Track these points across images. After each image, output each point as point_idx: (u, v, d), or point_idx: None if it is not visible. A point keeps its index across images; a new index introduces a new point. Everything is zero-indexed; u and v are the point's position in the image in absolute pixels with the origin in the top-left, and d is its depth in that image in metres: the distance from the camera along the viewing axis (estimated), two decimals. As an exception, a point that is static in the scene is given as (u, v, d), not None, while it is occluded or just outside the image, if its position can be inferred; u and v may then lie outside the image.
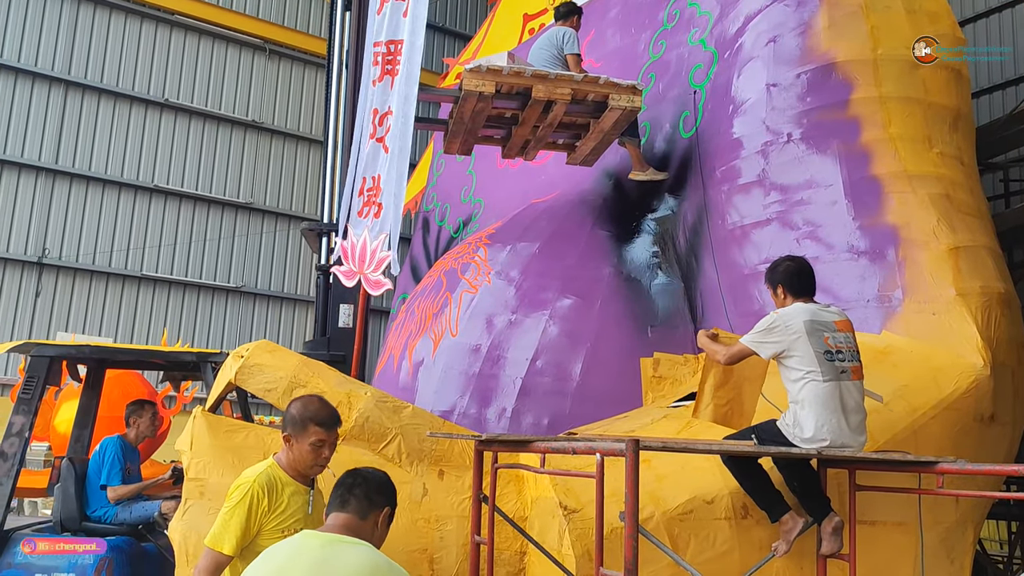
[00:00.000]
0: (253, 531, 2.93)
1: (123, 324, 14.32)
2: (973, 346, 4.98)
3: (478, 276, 7.41)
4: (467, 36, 17.13)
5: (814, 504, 4.07)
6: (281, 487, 3.02)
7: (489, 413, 6.65)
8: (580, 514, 4.10)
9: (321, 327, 6.65)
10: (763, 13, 6.67)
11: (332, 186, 7.14)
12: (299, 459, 3.10)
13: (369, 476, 2.67)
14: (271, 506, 2.97)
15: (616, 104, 6.66)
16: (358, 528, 2.52)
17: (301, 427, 3.09)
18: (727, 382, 4.81)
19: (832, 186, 5.88)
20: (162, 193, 14.91)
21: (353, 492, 2.58)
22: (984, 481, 4.83)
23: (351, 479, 2.64)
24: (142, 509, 5.60)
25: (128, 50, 14.83)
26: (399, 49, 5.73)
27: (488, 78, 6.44)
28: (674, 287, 7.08)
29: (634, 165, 7.31)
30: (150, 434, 6.08)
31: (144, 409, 6.03)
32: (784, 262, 4.31)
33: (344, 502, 2.57)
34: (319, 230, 6.99)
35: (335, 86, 7.44)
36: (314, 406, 3.17)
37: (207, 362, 5.81)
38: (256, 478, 2.99)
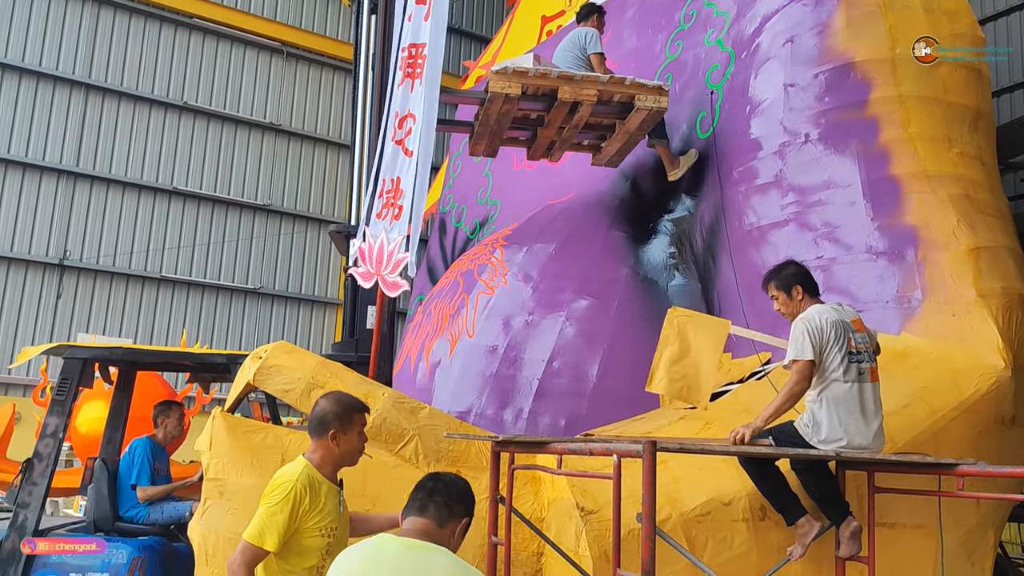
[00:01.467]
0: (293, 528, 2.95)
1: (143, 325, 14.45)
2: (994, 347, 4.94)
3: (495, 277, 7.42)
4: (486, 38, 17.19)
5: (832, 508, 4.05)
6: (319, 486, 3.04)
7: (506, 414, 6.66)
8: (597, 515, 4.10)
9: (349, 329, 6.68)
10: (780, 13, 6.64)
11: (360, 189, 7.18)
12: (350, 451, 3.14)
13: (451, 483, 2.66)
14: (312, 505, 2.99)
15: (642, 105, 6.64)
16: (436, 535, 2.51)
17: (347, 419, 3.13)
18: (683, 358, 4.83)
19: (850, 186, 5.84)
20: (181, 195, 15.05)
21: (433, 498, 2.58)
22: (1005, 483, 4.78)
23: (432, 483, 2.64)
24: (173, 509, 5.66)
25: (148, 53, 14.97)
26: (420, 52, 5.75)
27: (514, 80, 6.45)
28: (691, 288, 7.06)
29: (667, 166, 7.25)
30: (177, 434, 6.14)
31: (172, 410, 6.09)
32: (791, 265, 4.36)
33: (423, 507, 2.56)
34: (347, 232, 7.02)
35: (361, 90, 7.47)
36: (347, 397, 3.25)
37: (237, 364, 5.85)
38: (298, 477, 3.01)
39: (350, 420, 3.14)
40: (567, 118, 6.92)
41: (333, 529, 3.01)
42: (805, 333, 3.95)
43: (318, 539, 2.97)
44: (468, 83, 12.88)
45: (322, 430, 3.11)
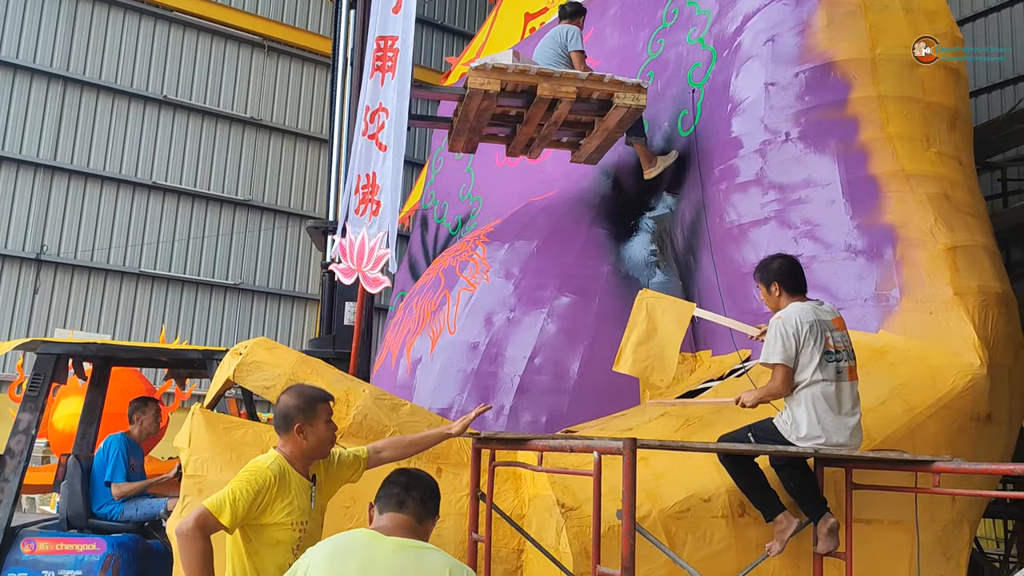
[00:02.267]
0: (254, 513, 2.93)
1: (121, 321, 14.33)
2: (970, 345, 4.99)
3: (476, 274, 7.41)
4: (469, 34, 17.16)
5: (810, 504, 4.08)
6: (289, 477, 3.04)
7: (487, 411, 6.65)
8: (577, 512, 4.11)
9: (327, 325, 6.65)
10: (762, 12, 6.67)
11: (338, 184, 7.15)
12: (318, 442, 3.13)
13: (424, 479, 2.68)
14: (280, 495, 2.97)
15: (621, 102, 6.66)
16: (416, 533, 2.51)
17: (311, 410, 3.12)
18: (649, 339, 4.90)
19: (830, 185, 5.89)
20: (160, 190, 14.92)
21: (411, 494, 2.57)
22: (980, 480, 4.84)
23: (406, 479, 2.64)
24: (148, 507, 5.61)
25: (127, 47, 14.83)
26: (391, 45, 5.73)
27: (493, 76, 6.44)
28: (672, 285, 7.08)
29: (643, 164, 7.29)
30: (153, 431, 6.09)
31: (148, 406, 6.05)
32: (777, 259, 4.30)
33: (402, 503, 2.55)
34: (324, 228, 6.99)
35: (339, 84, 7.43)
36: (308, 388, 3.25)
37: (213, 360, 5.82)
38: (270, 464, 3.01)
39: (313, 411, 3.12)
40: (546, 115, 6.92)
41: (303, 524, 3.00)
42: (779, 335, 3.97)
43: (288, 532, 2.96)
44: (451, 79, 12.85)
45: (287, 425, 3.10)
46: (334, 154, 7.17)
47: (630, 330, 5.01)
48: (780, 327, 3.98)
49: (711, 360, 6.19)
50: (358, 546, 2.38)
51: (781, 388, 4.01)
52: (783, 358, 3.95)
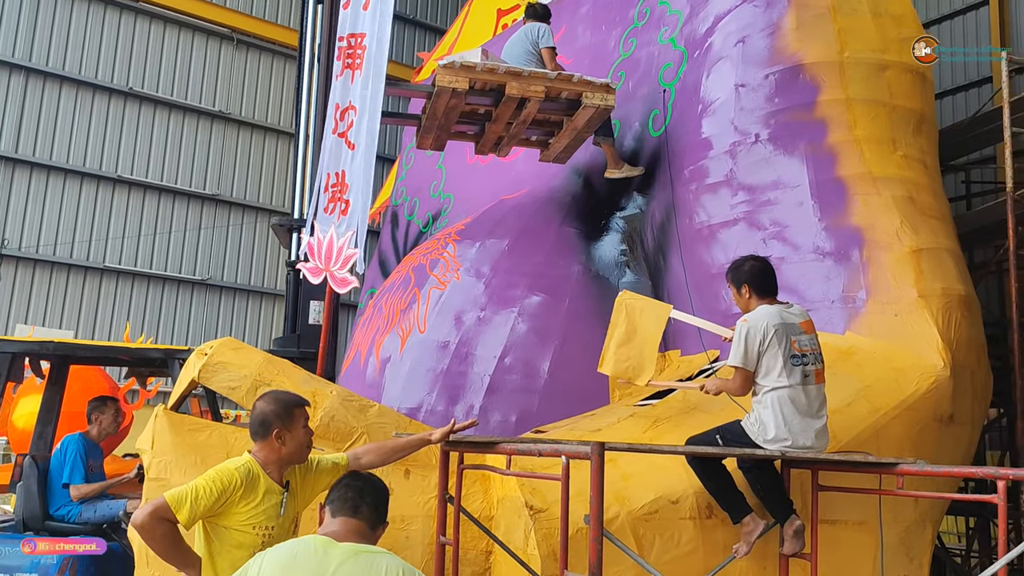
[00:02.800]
0: (214, 512, 2.89)
1: (85, 317, 14.08)
2: (934, 347, 5.06)
3: (447, 272, 7.38)
4: (441, 30, 17.06)
5: (777, 506, 4.11)
6: (258, 482, 3.00)
7: (457, 410, 6.63)
8: (546, 514, 4.10)
9: (291, 324, 6.60)
10: (732, 13, 6.70)
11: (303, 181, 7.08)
12: (297, 448, 3.10)
13: (376, 484, 2.67)
14: (245, 498, 2.94)
15: (589, 102, 6.66)
16: (369, 538, 2.50)
17: (288, 417, 3.09)
18: (629, 340, 4.96)
19: (799, 187, 5.93)
20: (126, 183, 14.67)
21: (365, 499, 2.57)
22: (943, 481, 4.91)
23: (360, 483, 2.63)
24: (107, 508, 5.52)
25: (91, 37, 14.56)
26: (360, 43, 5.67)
27: (461, 74, 6.41)
28: (642, 285, 7.10)
29: (609, 164, 7.32)
30: (113, 431, 6.00)
31: (107, 406, 5.94)
32: (748, 261, 4.30)
33: (356, 509, 2.54)
34: (289, 226, 6.92)
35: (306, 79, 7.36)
36: (284, 394, 3.22)
37: (174, 359, 5.73)
38: (239, 467, 2.99)
39: (291, 417, 3.10)
40: (515, 114, 6.90)
41: (269, 529, 2.97)
42: (743, 339, 4.00)
43: (251, 536, 2.92)
44: (423, 75, 12.78)
45: (265, 431, 3.06)
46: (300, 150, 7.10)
47: (611, 332, 5.05)
48: (744, 331, 4.01)
49: (680, 360, 6.21)
50: (310, 553, 2.37)
51: (738, 390, 4.09)
52: (742, 362, 4.00)
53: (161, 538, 2.85)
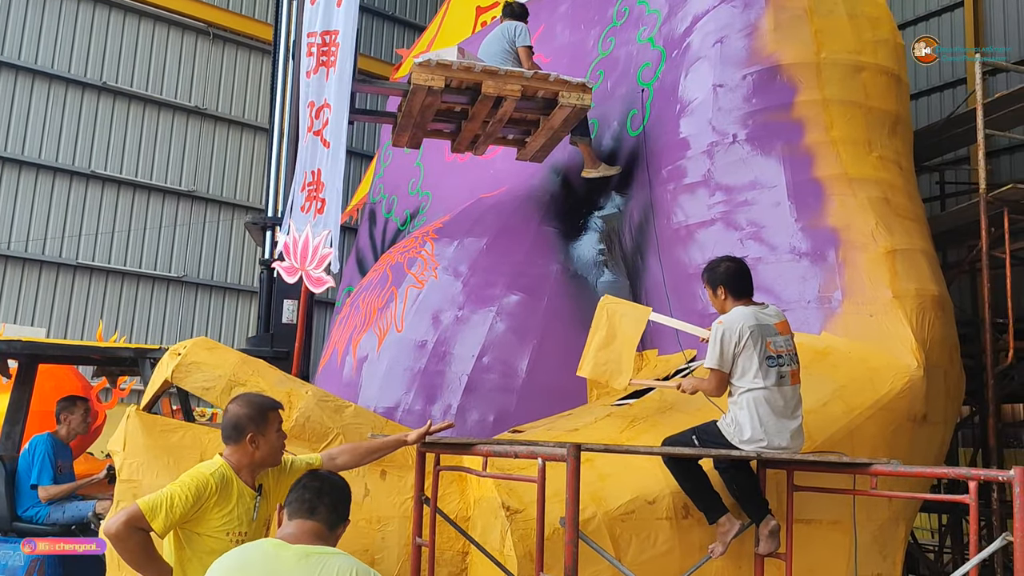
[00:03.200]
0: (189, 517, 2.85)
1: (57, 314, 13.89)
2: (907, 347, 5.10)
3: (425, 271, 7.35)
4: (420, 26, 16.98)
5: (752, 506, 4.13)
6: (232, 486, 2.97)
7: (434, 410, 6.60)
8: (522, 515, 4.09)
9: (265, 323, 6.54)
10: (711, 14, 6.71)
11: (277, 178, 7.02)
12: (270, 451, 3.07)
13: (336, 483, 2.64)
14: (220, 503, 2.91)
15: (566, 102, 6.65)
16: (326, 539, 2.47)
17: (262, 420, 3.06)
18: (609, 344, 5.01)
19: (776, 187, 5.95)
20: (100, 179, 14.49)
21: (323, 500, 2.53)
22: (916, 480, 4.95)
23: (319, 483, 2.59)
24: (75, 509, 5.45)
25: (64, 31, 14.35)
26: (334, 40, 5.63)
27: (437, 72, 6.38)
28: (620, 285, 7.11)
29: (586, 163, 7.32)
30: (82, 431, 5.92)
31: (76, 405, 5.87)
32: (724, 262, 4.30)
33: (313, 509, 2.50)
34: (263, 224, 6.86)
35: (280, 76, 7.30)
36: (257, 397, 3.19)
37: (145, 358, 5.67)
38: (213, 472, 2.95)
39: (265, 420, 3.06)
40: (491, 112, 6.88)
41: (242, 535, 2.93)
42: (718, 341, 4.01)
43: (224, 542, 2.88)
44: (401, 71, 12.71)
45: (238, 435, 3.02)
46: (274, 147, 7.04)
47: (591, 336, 5.09)
48: (720, 332, 4.02)
49: (657, 359, 6.22)
50: (261, 556, 2.34)
51: (714, 391, 4.12)
52: (718, 364, 4.01)
53: (134, 547, 2.80)
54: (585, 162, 7.32)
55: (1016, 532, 3.09)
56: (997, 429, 7.37)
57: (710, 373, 4.07)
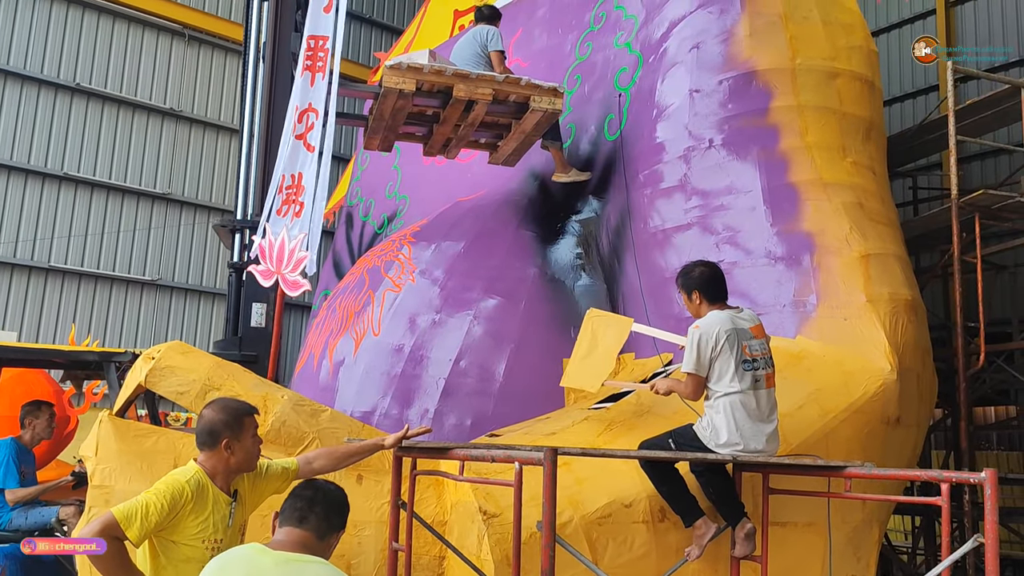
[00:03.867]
0: (164, 525, 2.82)
1: (29, 318, 13.70)
2: (881, 351, 5.15)
3: (402, 274, 7.33)
4: (398, 30, 16.95)
5: (728, 509, 4.15)
6: (207, 493, 2.94)
7: (411, 414, 6.58)
8: (499, 519, 4.09)
9: (233, 326, 6.49)
10: (687, 19, 6.76)
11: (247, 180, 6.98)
12: (246, 457, 3.05)
13: (330, 492, 2.62)
14: (196, 510, 2.88)
15: (537, 106, 6.67)
16: (315, 548, 2.46)
17: (238, 425, 3.03)
18: (590, 353, 5.11)
19: (751, 192, 6.00)
20: (72, 181, 14.32)
21: (314, 509, 2.52)
22: (890, 483, 5.00)
23: (311, 492, 2.58)
24: (39, 515, 5.38)
25: (37, 32, 14.18)
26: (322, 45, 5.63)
27: (408, 76, 6.37)
28: (597, 288, 7.13)
29: (557, 167, 7.36)
30: (46, 436, 5.86)
31: (41, 410, 5.80)
32: (698, 267, 4.30)
33: (303, 519, 2.50)
34: (231, 226, 6.82)
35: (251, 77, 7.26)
36: (233, 402, 3.16)
37: (110, 362, 5.61)
38: (189, 479, 2.92)
39: (241, 425, 3.03)
40: (463, 116, 6.88)
41: (218, 542, 2.90)
42: (694, 345, 4.02)
43: (200, 550, 2.85)
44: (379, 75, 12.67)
45: (212, 441, 2.99)
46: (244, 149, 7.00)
47: (576, 348, 5.16)
48: (696, 337, 4.03)
49: (634, 363, 6.24)
50: (241, 561, 2.35)
51: (691, 395, 4.12)
52: (695, 368, 4.03)
53: (109, 557, 2.75)
54: (556, 166, 7.35)
55: (987, 534, 3.13)
56: (969, 432, 7.46)
57: (687, 377, 4.08)
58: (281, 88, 7.26)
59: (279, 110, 7.15)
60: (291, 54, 7.32)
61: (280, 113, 7.04)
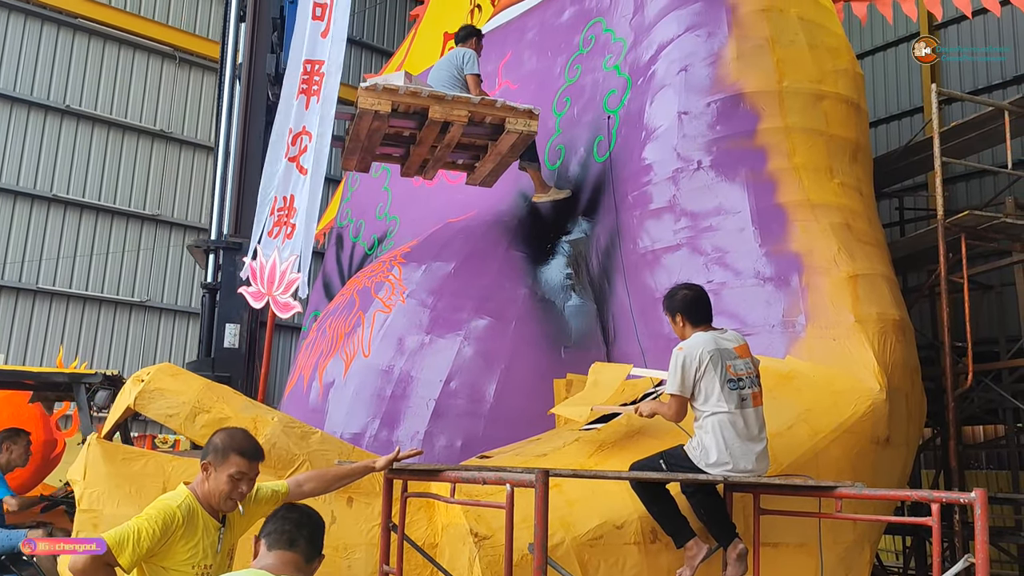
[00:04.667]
0: (155, 551, 2.80)
1: (16, 340, 13.61)
2: (870, 371, 5.17)
3: (392, 295, 7.32)
4: (388, 52, 17.05)
5: (720, 530, 4.15)
6: (197, 518, 2.92)
7: (402, 435, 6.55)
8: (491, 541, 4.07)
9: (206, 347, 6.47)
10: (675, 42, 6.83)
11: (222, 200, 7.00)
12: (214, 490, 2.98)
13: (314, 516, 2.66)
14: (186, 535, 2.86)
15: (512, 128, 6.72)
16: (304, 571, 2.49)
17: (223, 456, 2.98)
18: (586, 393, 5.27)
19: (740, 213, 6.04)
20: (61, 203, 14.28)
21: (302, 532, 2.54)
22: (881, 503, 5.01)
23: (296, 515, 2.60)
24: (6, 539, 5.37)
25: (27, 53, 14.19)
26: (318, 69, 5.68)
27: (384, 97, 6.39)
28: (587, 309, 7.15)
29: (536, 188, 7.43)
30: (21, 464, 5.87)
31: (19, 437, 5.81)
32: (681, 290, 4.35)
33: (293, 542, 2.51)
34: (205, 247, 6.82)
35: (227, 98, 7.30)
36: (240, 436, 3.08)
37: (80, 383, 5.59)
38: (179, 504, 2.89)
39: (224, 458, 2.97)
40: (439, 137, 6.92)
41: (207, 567, 2.88)
42: (679, 367, 4.05)
43: (189, 574, 2.83)
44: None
45: (202, 458, 2.99)
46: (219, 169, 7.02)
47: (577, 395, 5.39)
48: (680, 359, 4.07)
49: (625, 384, 6.24)
50: None
51: (674, 416, 4.14)
52: (678, 389, 4.06)
53: None
54: (535, 187, 7.42)
55: (978, 553, 3.14)
56: (958, 451, 7.48)
57: (671, 398, 4.11)
58: (256, 108, 7.30)
59: (254, 130, 7.19)
60: (267, 75, 7.36)
61: (256, 133, 7.08)
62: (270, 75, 7.41)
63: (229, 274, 6.79)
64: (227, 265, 6.85)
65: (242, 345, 6.15)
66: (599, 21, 8.00)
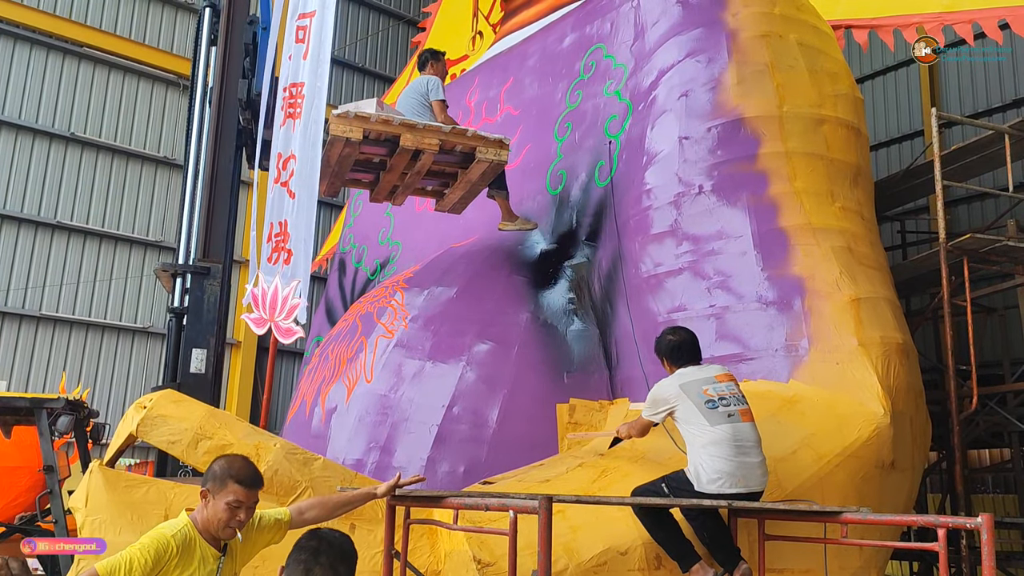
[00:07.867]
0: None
1: (19, 366, 13.62)
2: (874, 395, 5.16)
3: (394, 321, 7.32)
4: (391, 78, 17.19)
5: (724, 554, 4.13)
6: (194, 547, 2.89)
7: (404, 461, 6.52)
8: (494, 568, 4.04)
9: (172, 372, 6.43)
10: (676, 68, 6.87)
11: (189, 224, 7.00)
12: (212, 517, 2.95)
13: (335, 542, 2.60)
14: (181, 565, 2.83)
15: (483, 157, 6.77)
16: None
17: (221, 483, 2.96)
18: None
19: (742, 237, 6.05)
20: (65, 229, 14.35)
21: (319, 560, 2.50)
22: (887, 528, 4.97)
23: (316, 543, 2.56)
24: None
25: (33, 81, 14.33)
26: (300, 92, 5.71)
27: (355, 124, 6.42)
28: (590, 333, 7.14)
29: (503, 216, 7.50)
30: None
31: None
32: (667, 336, 4.62)
33: (308, 570, 2.48)
34: (172, 271, 6.82)
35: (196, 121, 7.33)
36: (238, 464, 3.04)
37: (41, 408, 5.58)
38: (175, 533, 2.87)
39: (223, 485, 2.94)
40: (410, 164, 6.95)
41: None
42: (652, 398, 4.42)
43: None
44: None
45: (202, 484, 2.97)
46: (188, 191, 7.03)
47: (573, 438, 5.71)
48: (655, 392, 4.42)
49: (628, 410, 6.22)
50: None
51: (638, 434, 4.56)
52: (648, 415, 4.42)
53: None
54: (502, 215, 7.48)
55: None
56: (964, 475, 7.44)
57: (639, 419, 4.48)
58: (227, 133, 7.33)
59: (224, 155, 7.20)
60: (238, 100, 7.40)
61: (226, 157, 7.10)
62: (241, 100, 7.46)
63: (197, 298, 6.76)
64: (195, 289, 6.81)
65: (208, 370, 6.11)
66: (600, 47, 8.06)
